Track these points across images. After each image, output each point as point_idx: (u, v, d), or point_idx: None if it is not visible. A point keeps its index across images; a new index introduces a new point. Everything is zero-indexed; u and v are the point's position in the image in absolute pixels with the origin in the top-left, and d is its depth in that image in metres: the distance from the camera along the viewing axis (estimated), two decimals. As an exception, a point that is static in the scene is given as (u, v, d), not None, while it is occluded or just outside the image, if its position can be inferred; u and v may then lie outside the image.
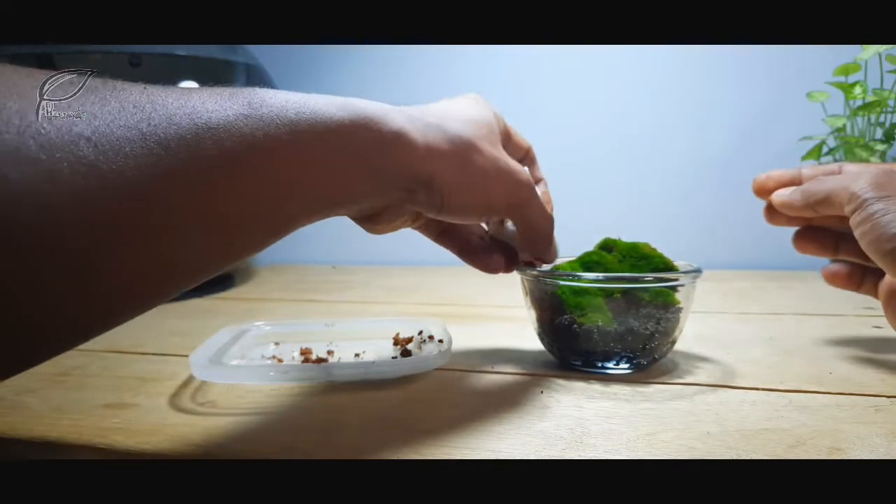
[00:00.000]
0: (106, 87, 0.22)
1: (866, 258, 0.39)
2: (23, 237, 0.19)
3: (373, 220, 0.32)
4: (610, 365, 0.36)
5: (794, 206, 0.36)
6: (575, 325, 0.35)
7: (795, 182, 0.39)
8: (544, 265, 0.38)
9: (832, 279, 0.40)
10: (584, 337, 0.35)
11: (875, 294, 0.39)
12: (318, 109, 0.25)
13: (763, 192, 0.39)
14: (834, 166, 0.38)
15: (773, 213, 0.40)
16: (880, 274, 0.39)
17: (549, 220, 0.35)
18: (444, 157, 0.29)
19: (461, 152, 0.30)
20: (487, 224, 0.39)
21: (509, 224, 0.38)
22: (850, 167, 0.37)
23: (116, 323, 0.24)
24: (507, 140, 0.37)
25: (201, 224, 0.23)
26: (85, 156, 0.20)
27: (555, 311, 0.36)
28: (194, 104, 0.23)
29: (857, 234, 0.31)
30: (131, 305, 0.24)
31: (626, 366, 0.36)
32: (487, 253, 0.37)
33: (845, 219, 0.35)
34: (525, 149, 0.40)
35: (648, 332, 0.35)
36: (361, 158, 0.27)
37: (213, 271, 0.26)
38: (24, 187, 0.19)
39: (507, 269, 0.38)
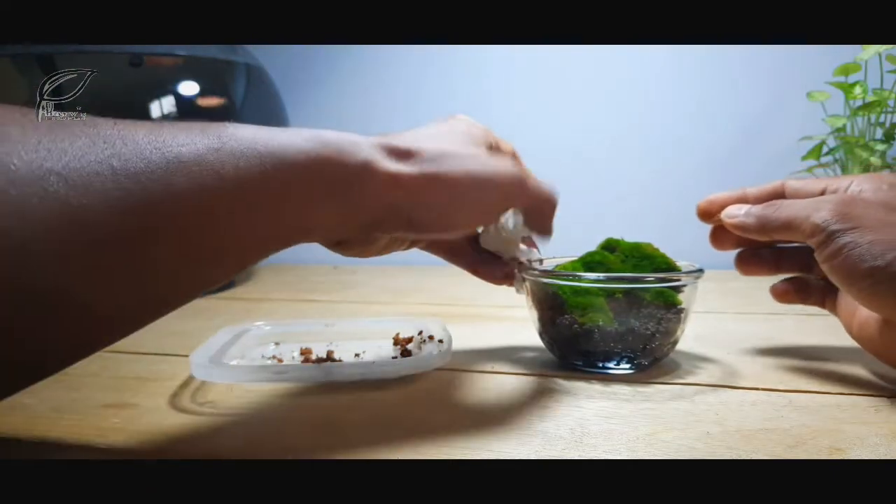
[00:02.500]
0: (76, 123, 0.22)
1: (808, 270, 0.39)
2: None
3: (344, 246, 0.32)
4: (611, 365, 0.36)
5: (748, 229, 0.35)
6: (576, 325, 0.35)
7: (742, 203, 0.37)
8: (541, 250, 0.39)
9: (783, 297, 0.40)
10: (585, 337, 0.35)
11: (820, 304, 0.39)
12: (285, 142, 0.26)
13: (707, 216, 0.39)
14: (777, 184, 0.37)
15: (719, 237, 0.39)
16: (827, 286, 0.38)
17: (550, 194, 0.35)
18: (416, 181, 0.29)
19: (435, 170, 0.30)
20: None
21: (505, 222, 0.37)
22: (794, 184, 0.37)
23: (93, 351, 0.24)
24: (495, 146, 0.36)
25: (174, 255, 0.23)
26: (55, 191, 0.20)
27: (556, 310, 0.36)
28: (164, 138, 0.23)
29: (825, 267, 0.30)
30: (108, 336, 0.24)
31: (627, 366, 0.36)
32: (493, 265, 0.39)
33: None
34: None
35: (649, 333, 0.35)
36: (327, 189, 0.27)
37: (188, 299, 0.26)
38: None
39: (508, 280, 0.39)
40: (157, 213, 0.22)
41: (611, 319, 0.35)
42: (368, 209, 0.29)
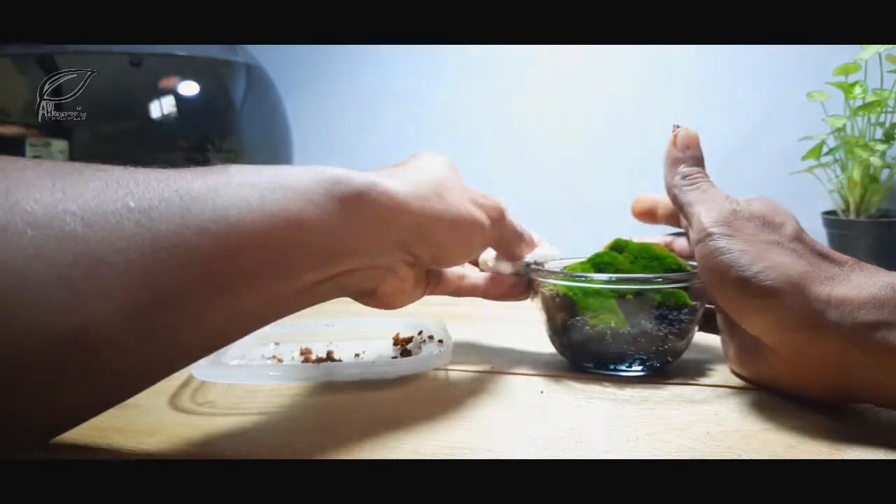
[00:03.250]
0: (88, 168, 0.22)
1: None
2: (12, 316, 0.19)
3: (377, 293, 0.33)
4: (623, 367, 0.36)
5: (665, 171, 0.36)
6: (587, 327, 0.35)
7: (657, 205, 0.41)
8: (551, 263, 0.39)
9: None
10: (597, 339, 0.35)
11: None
12: (289, 174, 0.26)
13: (639, 213, 0.42)
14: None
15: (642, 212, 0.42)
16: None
17: (520, 235, 0.38)
18: (425, 202, 0.30)
19: (438, 192, 0.31)
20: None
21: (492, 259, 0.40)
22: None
23: (120, 400, 0.24)
24: None
25: (198, 289, 0.23)
26: (72, 230, 0.20)
27: (567, 312, 0.36)
28: (175, 178, 0.23)
29: (698, 265, 0.31)
30: (134, 383, 0.24)
31: (640, 368, 0.36)
32: (512, 283, 0.40)
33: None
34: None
35: (662, 334, 0.35)
36: (340, 214, 0.27)
37: (220, 342, 0.26)
38: (12, 264, 0.19)
39: (524, 294, 0.40)
40: (179, 247, 0.22)
41: (623, 321, 0.34)
42: (389, 233, 0.30)
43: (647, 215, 0.42)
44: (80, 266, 0.20)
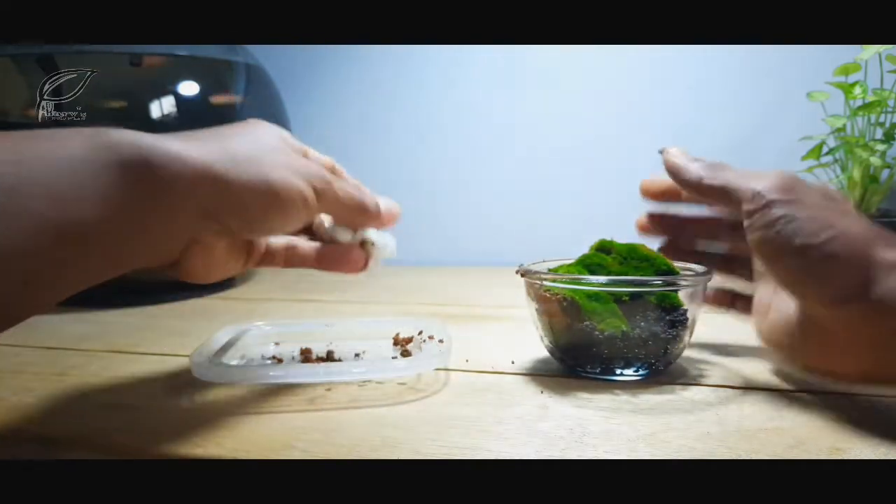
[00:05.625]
0: None
1: (726, 271, 0.40)
2: None
3: (183, 266, 0.30)
4: (629, 372, 0.35)
5: (684, 177, 0.34)
6: (597, 332, 0.34)
7: (671, 189, 0.40)
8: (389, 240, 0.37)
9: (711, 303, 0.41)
10: (607, 343, 0.34)
11: (732, 306, 0.40)
12: (56, 135, 0.24)
13: (647, 193, 0.42)
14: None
15: (646, 222, 0.42)
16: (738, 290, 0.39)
17: (356, 188, 0.35)
18: (234, 167, 0.28)
19: (251, 157, 0.29)
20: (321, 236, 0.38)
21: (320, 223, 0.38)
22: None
23: None
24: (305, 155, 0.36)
25: None
26: None
27: (572, 317, 0.35)
28: None
29: (753, 236, 0.29)
30: None
31: (645, 371, 0.35)
32: (347, 253, 0.37)
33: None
34: (328, 164, 0.37)
35: (670, 337, 0.34)
36: (125, 196, 0.25)
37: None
38: None
39: (364, 267, 0.37)
40: None
41: (627, 325, 0.34)
42: (185, 202, 0.27)
43: (667, 194, 0.40)
44: None
